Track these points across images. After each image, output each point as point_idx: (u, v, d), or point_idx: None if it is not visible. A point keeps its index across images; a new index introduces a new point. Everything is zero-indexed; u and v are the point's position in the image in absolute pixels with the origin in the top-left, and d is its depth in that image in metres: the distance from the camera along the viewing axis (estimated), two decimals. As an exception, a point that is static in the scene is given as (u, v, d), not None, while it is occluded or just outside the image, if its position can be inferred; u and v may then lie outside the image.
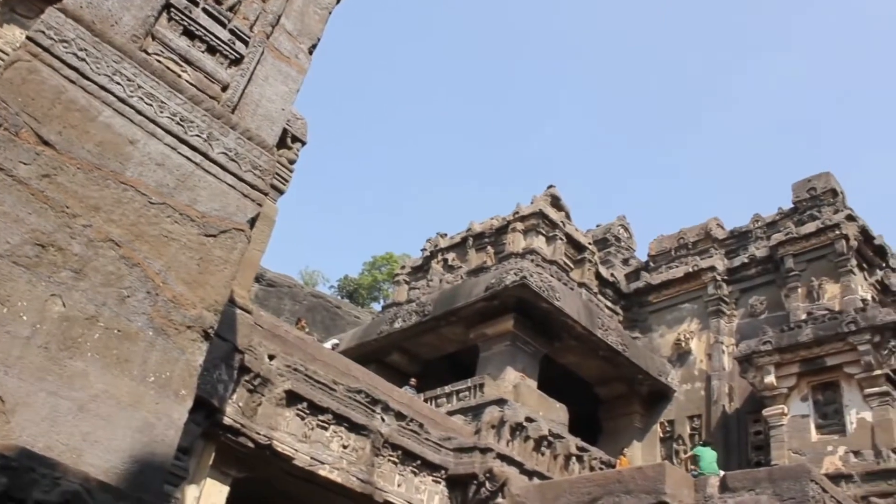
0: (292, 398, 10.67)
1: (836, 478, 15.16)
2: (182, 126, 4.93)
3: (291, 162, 10.06)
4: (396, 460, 12.08)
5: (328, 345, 18.13)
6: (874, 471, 15.26)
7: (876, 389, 16.08)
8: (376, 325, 20.21)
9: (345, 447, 11.30)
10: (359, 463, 11.41)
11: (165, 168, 4.78)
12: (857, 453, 15.71)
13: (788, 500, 10.34)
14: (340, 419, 11.29)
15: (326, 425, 11.10)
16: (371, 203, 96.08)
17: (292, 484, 11.33)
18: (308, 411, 10.85)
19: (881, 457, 15.33)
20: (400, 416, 12.30)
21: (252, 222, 5.07)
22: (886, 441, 15.48)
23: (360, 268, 50.94)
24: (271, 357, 10.40)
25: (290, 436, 10.54)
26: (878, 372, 16.09)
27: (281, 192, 9.21)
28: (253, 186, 5.11)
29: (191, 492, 9.26)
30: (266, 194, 5.22)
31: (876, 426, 15.76)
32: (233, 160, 5.16)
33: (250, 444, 9.94)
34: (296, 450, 10.57)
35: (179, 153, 4.88)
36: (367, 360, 18.02)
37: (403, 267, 23.30)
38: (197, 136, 5.00)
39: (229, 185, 5.04)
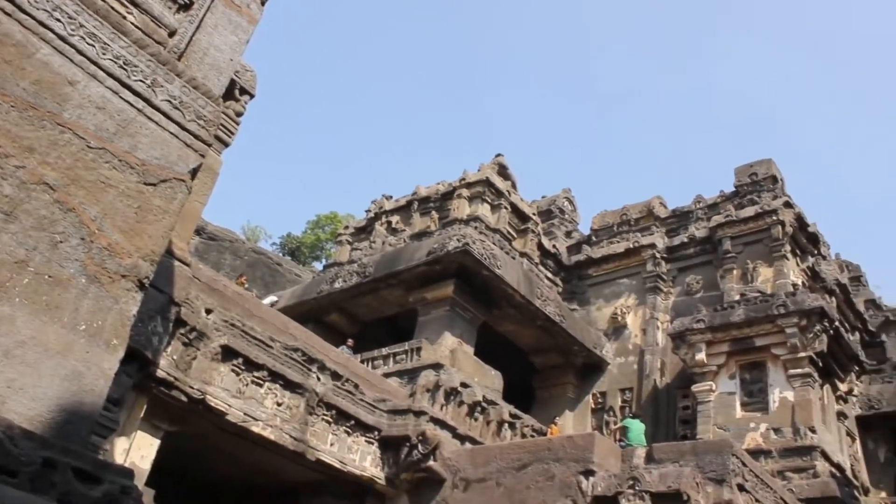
0: (228, 353, 10.56)
1: (756, 453, 15.68)
2: (125, 70, 4.77)
3: (238, 115, 9.85)
4: (330, 420, 12.08)
5: (267, 301, 17.97)
6: (791, 447, 15.82)
7: (799, 371, 16.61)
8: (316, 284, 20.10)
9: (279, 404, 11.26)
10: (292, 421, 11.39)
11: (106, 112, 4.63)
12: (777, 430, 16.24)
13: (710, 472, 10.65)
14: (276, 376, 11.23)
15: (261, 382, 11.03)
16: (318, 162, 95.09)
17: (225, 439, 11.27)
18: (243, 367, 10.77)
19: (799, 434, 15.88)
20: (336, 375, 12.29)
21: (194, 173, 4.95)
22: (805, 420, 16.03)
23: (304, 226, 50.53)
24: (208, 311, 10.27)
25: (224, 391, 10.46)
26: (803, 354, 16.61)
27: (226, 145, 9.01)
28: (196, 136, 4.99)
29: (120, 444, 9.14)
30: (210, 145, 5.10)
31: (796, 405, 16.31)
32: (177, 108, 5.03)
33: (183, 398, 9.83)
34: (229, 405, 10.50)
35: (121, 98, 4.72)
36: (305, 318, 17.93)
37: (347, 227, 23.15)
38: (140, 81, 4.85)
39: (172, 133, 4.91)
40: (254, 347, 10.93)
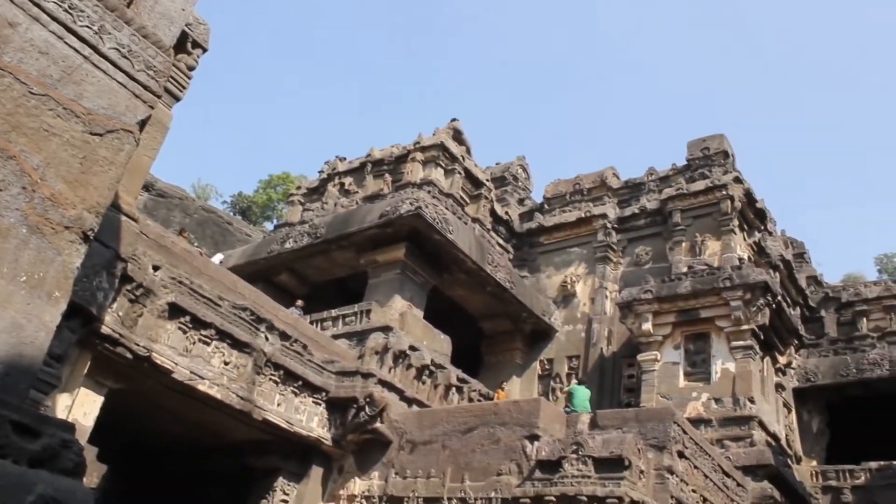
0: (175, 311, 10.42)
1: (697, 421, 16.04)
2: (70, 14, 4.60)
3: (190, 69, 9.60)
4: (278, 380, 12.03)
5: (215, 260, 17.77)
6: (731, 417, 16.21)
7: (741, 343, 16.96)
8: (267, 244, 19.91)
9: (226, 363, 11.18)
10: (239, 380, 11.32)
11: (50, 57, 4.47)
12: (717, 400, 16.61)
13: (652, 439, 10.88)
14: (223, 335, 11.13)
15: (209, 340, 10.93)
16: (272, 121, 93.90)
17: (171, 398, 11.17)
18: (191, 325, 10.64)
19: (738, 405, 16.26)
20: (284, 336, 12.22)
21: (142, 125, 4.82)
22: (744, 390, 16.42)
23: (256, 185, 49.99)
24: (156, 268, 10.11)
25: (170, 349, 10.33)
26: (746, 327, 16.96)
27: (177, 99, 8.78)
28: (145, 87, 4.85)
29: (62, 400, 8.99)
30: (159, 97, 4.96)
31: (737, 376, 16.68)
32: (125, 57, 4.88)
33: (128, 355, 9.70)
34: (175, 363, 10.38)
35: (66, 43, 4.56)
36: (255, 278, 17.76)
37: (299, 187, 22.90)
38: (87, 27, 4.68)
39: (120, 83, 4.76)
40: (202, 306, 10.80)
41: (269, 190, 48.66)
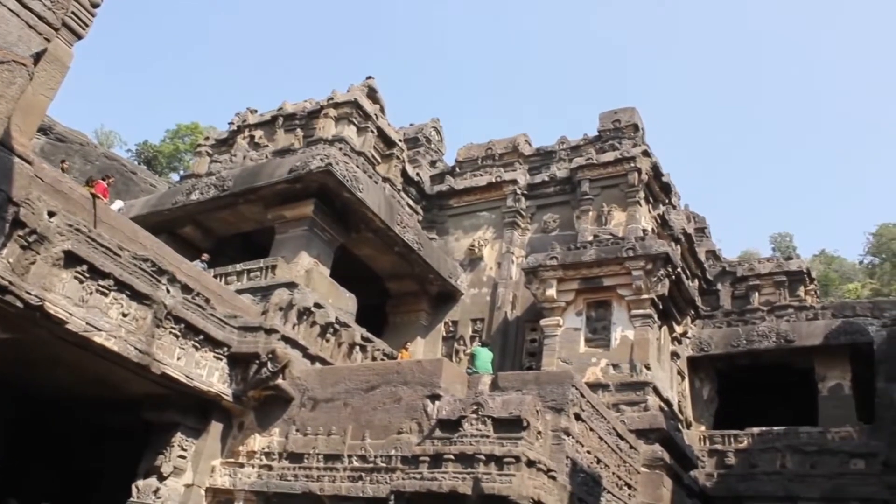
0: (71, 260, 10.04)
1: (595, 386, 16.50)
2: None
3: (94, 5, 9.14)
4: (178, 333, 11.77)
5: (114, 207, 17.22)
6: (627, 382, 16.73)
7: (641, 311, 17.47)
8: (172, 195, 19.37)
9: (125, 315, 10.86)
10: (138, 332, 11.03)
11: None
12: (615, 366, 17.12)
13: (550, 401, 11.13)
14: (123, 286, 10.80)
15: (107, 291, 10.58)
16: (182, 69, 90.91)
17: (65, 349, 10.81)
18: (88, 275, 10.27)
19: (635, 371, 16.79)
20: (186, 289, 11.96)
21: (37, 58, 4.59)
22: (641, 357, 16.95)
23: (163, 135, 48.45)
24: (51, 214, 9.70)
25: (65, 299, 9.96)
26: (646, 296, 17.47)
27: (79, 37, 8.34)
28: (41, 17, 4.61)
29: (-55, 347, 8.61)
30: (57, 30, 4.73)
31: (635, 344, 17.20)
32: (20, -14, 4.63)
33: (19, 304, 9.30)
34: (70, 314, 10.02)
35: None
36: (158, 229, 17.25)
37: (207, 138, 22.31)
38: (-21, -49, 4.42)
39: (11, 10, 4.51)
40: (100, 255, 10.44)
41: (176, 140, 47.23)
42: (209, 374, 12.37)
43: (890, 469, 19.15)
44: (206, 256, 17.31)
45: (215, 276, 15.58)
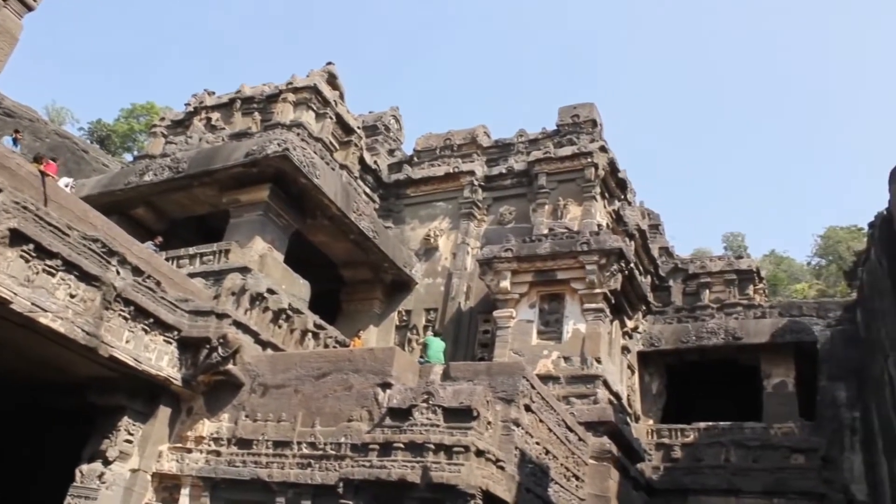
0: (17, 238, 9.79)
1: (546, 378, 16.64)
2: None
3: (47, -21, 8.96)
4: (128, 316, 11.58)
5: (60, 184, 16.82)
6: (578, 375, 16.90)
7: (593, 305, 17.64)
8: (124, 175, 19.04)
9: (72, 296, 10.64)
10: (86, 314, 10.83)
11: None
12: (567, 359, 17.27)
13: (501, 392, 11.20)
14: (71, 266, 10.58)
15: (54, 271, 10.35)
16: (139, 48, 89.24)
17: (8, 330, 10.55)
18: (34, 254, 10.03)
19: (586, 364, 16.96)
20: (137, 271, 11.77)
21: (-15, 30, 4.47)
22: (593, 351, 17.13)
23: (117, 114, 47.52)
24: (-3, 190, 9.48)
25: (10, 278, 9.72)
26: (598, 290, 17.64)
27: (29, 8, 8.16)
28: (-10, -11, 4.50)
29: None
30: (6, 0, 4.61)
31: (587, 337, 17.37)
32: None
33: (-41, 282, 9.10)
34: (15, 293, 9.78)
35: None
36: (109, 210, 16.96)
37: (163, 119, 21.94)
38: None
39: (-40, -20, 4.40)
40: (48, 234, 10.21)
41: (131, 120, 46.38)
42: (158, 358, 12.20)
43: (828, 464, 19.72)
44: (158, 239, 17.07)
45: (167, 259, 15.37)
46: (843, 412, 20.74)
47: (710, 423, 21.44)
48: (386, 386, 11.15)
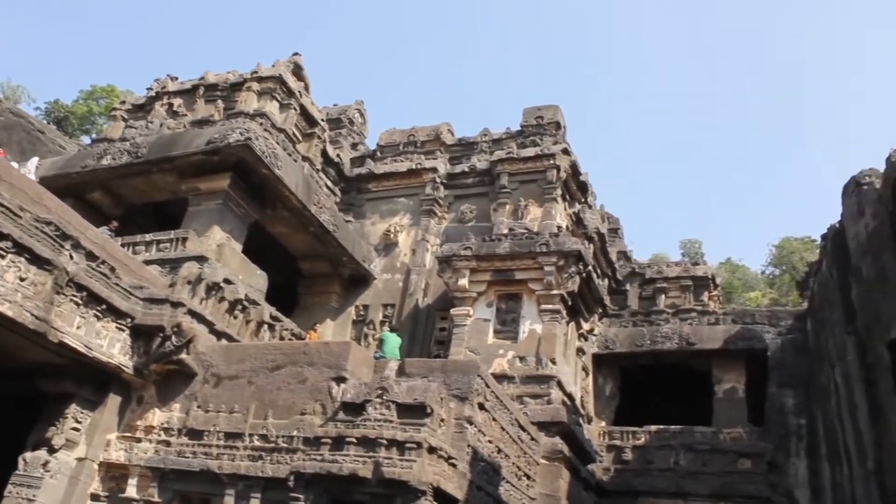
0: (-33, 218, 9.62)
1: (501, 377, 16.69)
2: None
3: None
4: (80, 301, 11.37)
5: (30, 165, 16.51)
6: (533, 375, 16.98)
7: (550, 306, 17.73)
8: (81, 158, 18.71)
9: (22, 280, 10.43)
10: (36, 298, 10.61)
11: None
12: (522, 359, 17.34)
13: (455, 389, 11.21)
14: (22, 249, 10.36)
15: (4, 253, 10.12)
16: (101, 28, 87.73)
17: (-46, 311, 10.34)
18: (-17, 236, 9.84)
19: (541, 364, 17.05)
20: (91, 256, 11.57)
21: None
22: (548, 352, 17.22)
23: (76, 95, 46.61)
24: (-54, 168, 9.26)
25: (-43, 259, 9.53)
26: (556, 292, 17.73)
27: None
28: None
29: None
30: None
31: (543, 338, 17.45)
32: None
33: None
34: (-38, 275, 9.60)
35: None
36: (65, 193, 16.62)
37: (124, 102, 21.62)
38: None
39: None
40: (-1, 215, 10.01)
41: (90, 102, 45.49)
42: (110, 345, 12.01)
43: (774, 469, 20.09)
44: (113, 224, 16.81)
45: (123, 245, 15.14)
46: (790, 419, 21.12)
47: (661, 427, 21.69)
48: (340, 380, 11.10)
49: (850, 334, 16.38)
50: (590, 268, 18.81)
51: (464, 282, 18.38)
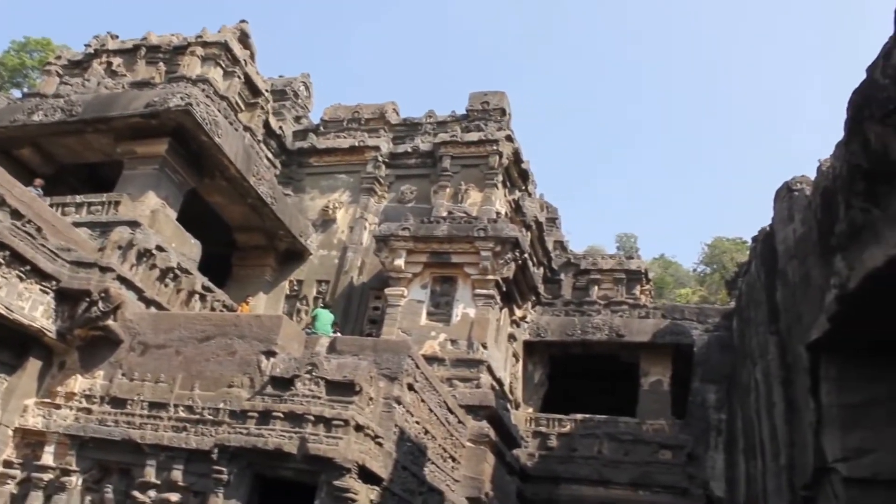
0: None
1: (432, 359, 16.75)
2: None
3: None
4: (2, 261, 11.03)
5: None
6: (463, 359, 17.07)
7: (485, 291, 17.82)
8: (11, 112, 18.03)
9: (-58, 236, 10.09)
10: (-46, 256, 10.28)
11: None
12: (454, 342, 17.41)
13: (385, 369, 11.22)
14: (-57, 203, 10.04)
15: (-77, 207, 9.80)
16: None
17: None
18: None
19: (472, 348, 17.14)
20: (17, 214, 11.23)
21: None
22: (480, 336, 17.32)
23: (7, 46, 44.95)
24: None
25: None
26: (491, 277, 17.83)
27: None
28: None
29: None
30: None
31: (475, 322, 17.54)
32: None
33: None
34: None
35: None
36: (-9, 148, 16.13)
37: (59, 57, 20.89)
38: None
39: None
40: (-80, 166, 9.63)
41: (23, 54, 43.86)
42: (32, 308, 11.68)
43: (693, 461, 20.65)
44: (39, 181, 16.22)
45: (52, 206, 14.73)
46: (711, 413, 21.67)
47: (587, 416, 22.06)
48: (270, 354, 11.00)
49: (773, 334, 16.81)
50: (526, 255, 18.95)
51: (400, 262, 18.34)
